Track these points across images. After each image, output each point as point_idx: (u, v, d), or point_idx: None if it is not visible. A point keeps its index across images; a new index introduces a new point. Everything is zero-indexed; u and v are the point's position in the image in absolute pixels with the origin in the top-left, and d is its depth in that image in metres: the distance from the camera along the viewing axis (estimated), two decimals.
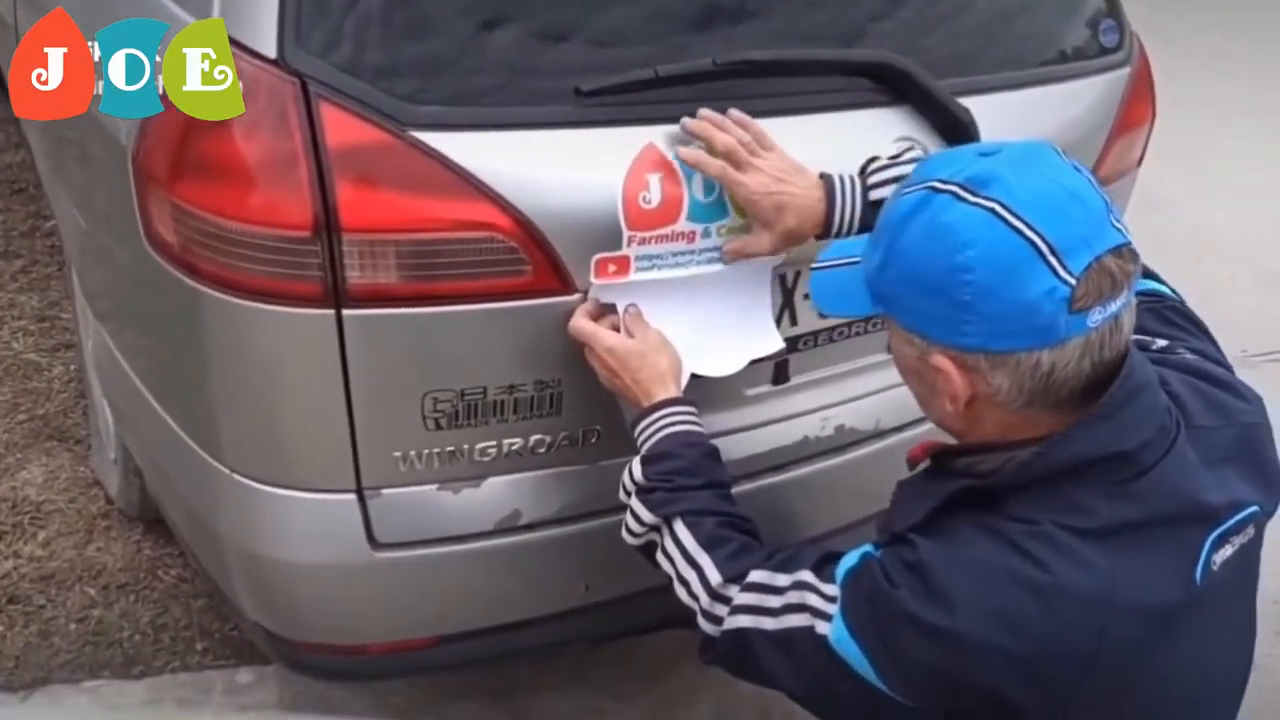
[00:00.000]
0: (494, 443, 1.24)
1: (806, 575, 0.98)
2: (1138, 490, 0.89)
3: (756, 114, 1.25)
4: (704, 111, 1.19)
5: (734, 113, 1.20)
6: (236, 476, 1.24)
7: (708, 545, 1.06)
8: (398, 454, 1.22)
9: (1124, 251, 0.86)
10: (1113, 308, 0.86)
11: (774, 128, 1.26)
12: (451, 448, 1.24)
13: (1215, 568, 0.90)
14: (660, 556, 1.10)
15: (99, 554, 1.99)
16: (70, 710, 1.69)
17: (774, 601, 0.99)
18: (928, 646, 0.89)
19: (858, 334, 1.46)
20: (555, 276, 1.17)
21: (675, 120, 1.20)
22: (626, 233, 1.18)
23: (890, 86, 1.33)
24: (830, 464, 1.49)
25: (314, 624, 1.34)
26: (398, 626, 1.36)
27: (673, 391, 1.18)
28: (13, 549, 1.99)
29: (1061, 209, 0.86)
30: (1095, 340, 0.86)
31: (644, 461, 1.14)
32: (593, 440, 1.30)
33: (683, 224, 1.20)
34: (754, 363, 1.31)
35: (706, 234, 1.22)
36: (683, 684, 1.73)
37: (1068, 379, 0.87)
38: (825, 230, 1.19)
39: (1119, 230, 0.87)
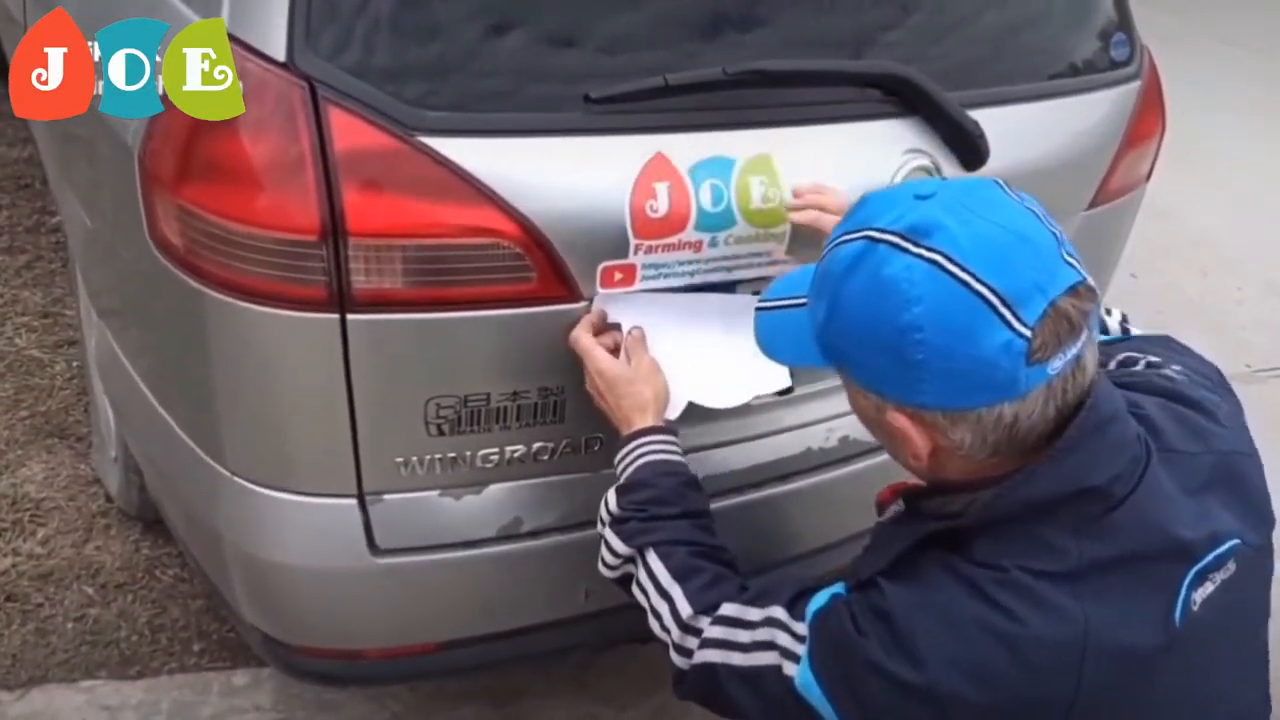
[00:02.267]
0: (496, 449, 1.24)
1: (778, 612, 0.96)
2: (1110, 526, 0.85)
3: (764, 123, 1.25)
4: None
5: None
6: (237, 479, 1.24)
7: (680, 576, 1.03)
8: (400, 459, 1.22)
9: (1079, 290, 0.81)
10: (1073, 350, 0.81)
11: (784, 138, 1.26)
12: (454, 454, 1.23)
13: (1196, 607, 0.85)
14: (635, 588, 1.08)
15: (97, 553, 1.99)
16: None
17: (744, 637, 0.97)
18: (895, 699, 0.86)
19: None
20: (561, 284, 1.17)
21: (685, 129, 1.19)
22: (633, 241, 1.17)
23: (900, 98, 1.33)
24: (834, 475, 1.48)
25: (312, 629, 1.34)
26: (397, 632, 1.36)
27: (651, 420, 1.16)
28: (11, 546, 1.98)
29: (1008, 255, 0.80)
30: (1058, 386, 0.82)
31: (619, 491, 1.12)
32: (595, 448, 1.30)
33: (690, 233, 1.20)
34: (757, 399, 1.29)
35: (714, 243, 1.21)
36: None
37: (1033, 427, 0.83)
38: None
39: (1072, 266, 0.82)
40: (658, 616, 1.04)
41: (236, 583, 1.33)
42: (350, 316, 1.11)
